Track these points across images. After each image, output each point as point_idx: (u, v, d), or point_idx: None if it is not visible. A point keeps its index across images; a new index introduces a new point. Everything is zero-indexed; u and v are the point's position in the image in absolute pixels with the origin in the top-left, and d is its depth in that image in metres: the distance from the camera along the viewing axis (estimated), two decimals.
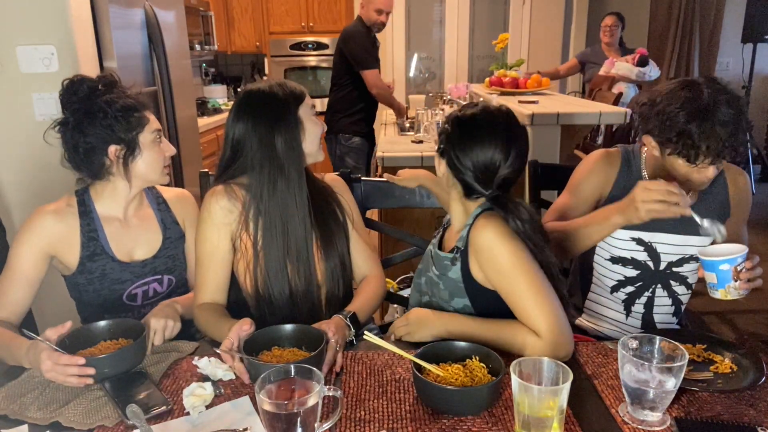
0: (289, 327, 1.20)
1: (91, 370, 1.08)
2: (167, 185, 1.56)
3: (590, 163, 1.53)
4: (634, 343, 1.03)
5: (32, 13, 2.19)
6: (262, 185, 1.34)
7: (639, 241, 1.47)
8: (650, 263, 1.49)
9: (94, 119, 1.33)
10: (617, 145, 1.56)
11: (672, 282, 1.50)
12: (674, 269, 1.49)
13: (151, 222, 1.49)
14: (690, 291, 1.53)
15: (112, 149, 1.36)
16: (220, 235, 1.36)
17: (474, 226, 1.23)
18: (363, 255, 1.50)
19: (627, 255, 1.49)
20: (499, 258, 1.18)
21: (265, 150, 1.33)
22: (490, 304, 1.24)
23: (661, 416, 0.98)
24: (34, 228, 1.36)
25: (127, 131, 1.36)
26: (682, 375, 0.96)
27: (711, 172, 1.32)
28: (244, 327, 1.16)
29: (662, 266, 1.49)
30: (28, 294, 1.36)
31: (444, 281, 1.31)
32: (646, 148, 1.47)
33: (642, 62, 4.42)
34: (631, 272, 1.50)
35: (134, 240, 1.45)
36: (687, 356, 0.98)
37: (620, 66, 4.45)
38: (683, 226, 1.42)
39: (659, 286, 1.50)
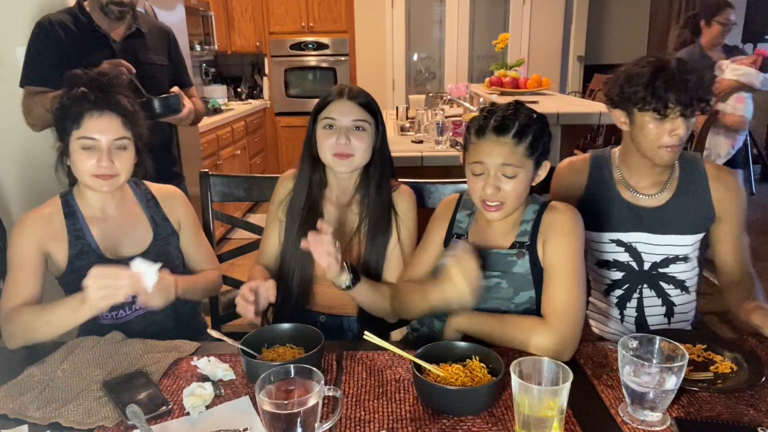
0: (286, 326, 1.23)
1: None
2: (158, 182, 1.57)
3: (556, 178, 1.56)
4: (634, 343, 1.03)
5: (32, 13, 2.19)
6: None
7: (618, 243, 1.47)
8: (633, 264, 1.47)
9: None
10: (588, 150, 1.56)
11: (662, 283, 1.47)
12: (660, 270, 1.46)
13: (140, 219, 1.49)
14: (687, 293, 1.49)
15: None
16: (278, 212, 1.57)
17: (552, 209, 1.29)
18: (395, 265, 1.50)
19: (610, 258, 1.49)
20: (568, 238, 1.25)
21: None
22: None
23: (661, 416, 0.98)
24: (24, 229, 1.38)
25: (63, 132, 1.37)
26: (682, 375, 0.96)
27: (682, 129, 1.30)
28: (264, 286, 1.27)
29: (646, 266, 1.47)
30: (38, 281, 1.36)
31: (508, 278, 1.29)
32: (616, 149, 1.47)
33: (766, 66, 3.27)
34: (617, 275, 1.50)
35: (122, 237, 1.45)
36: (687, 356, 0.98)
37: (743, 71, 3.23)
38: (662, 224, 1.42)
39: (645, 286, 1.48)
